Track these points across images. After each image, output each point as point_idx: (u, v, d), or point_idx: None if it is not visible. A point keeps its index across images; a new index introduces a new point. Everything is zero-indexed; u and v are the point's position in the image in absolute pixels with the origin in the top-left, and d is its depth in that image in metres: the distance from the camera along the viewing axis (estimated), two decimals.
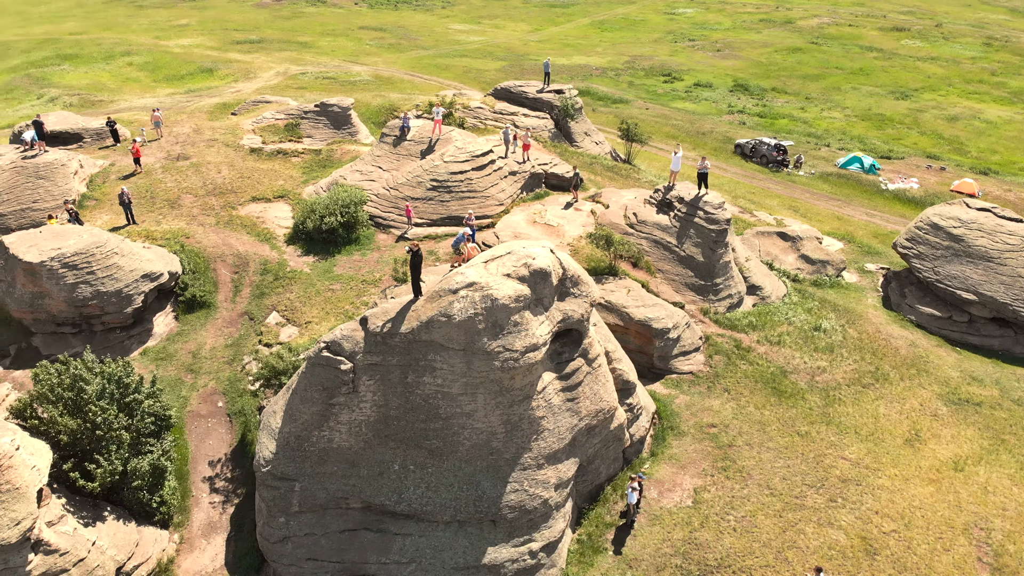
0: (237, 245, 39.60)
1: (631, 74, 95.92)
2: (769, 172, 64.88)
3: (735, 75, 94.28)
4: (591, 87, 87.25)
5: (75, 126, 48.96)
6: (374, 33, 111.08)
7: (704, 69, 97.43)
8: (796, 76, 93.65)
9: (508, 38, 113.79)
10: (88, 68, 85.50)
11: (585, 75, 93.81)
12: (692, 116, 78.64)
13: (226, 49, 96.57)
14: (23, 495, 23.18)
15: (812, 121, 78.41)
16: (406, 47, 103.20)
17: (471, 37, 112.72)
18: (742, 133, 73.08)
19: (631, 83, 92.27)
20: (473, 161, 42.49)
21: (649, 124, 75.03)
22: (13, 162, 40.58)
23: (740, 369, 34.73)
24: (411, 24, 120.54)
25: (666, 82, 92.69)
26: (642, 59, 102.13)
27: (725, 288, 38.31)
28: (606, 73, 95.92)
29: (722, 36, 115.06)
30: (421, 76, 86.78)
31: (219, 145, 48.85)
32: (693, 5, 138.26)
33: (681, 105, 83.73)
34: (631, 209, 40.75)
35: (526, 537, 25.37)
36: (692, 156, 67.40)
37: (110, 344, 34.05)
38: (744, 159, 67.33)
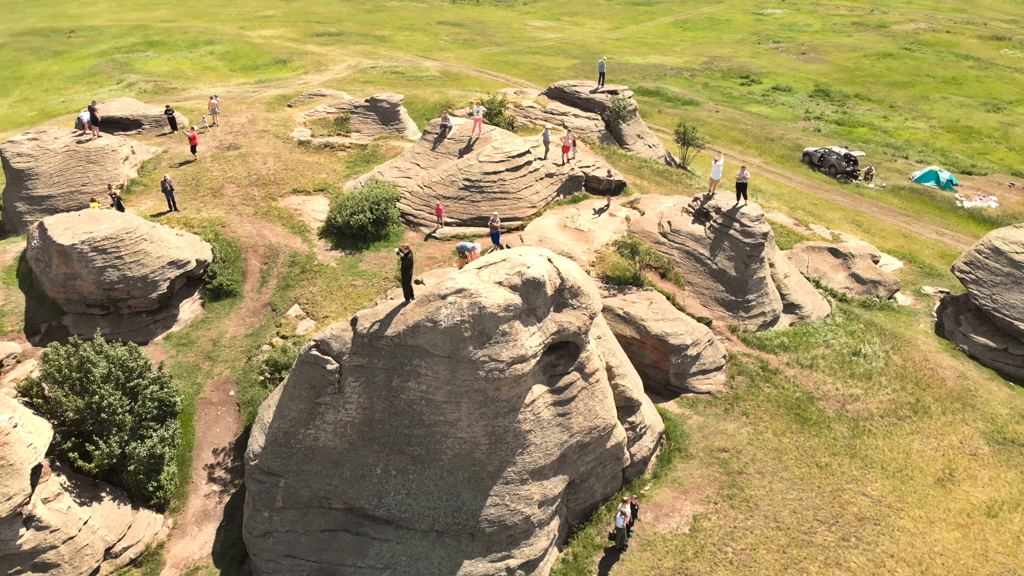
0: (270, 236, 40.17)
1: (707, 75, 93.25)
2: (836, 183, 61.82)
3: (817, 79, 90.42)
4: (662, 87, 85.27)
5: (136, 113, 50.75)
6: (451, 28, 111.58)
7: (785, 72, 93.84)
8: (883, 83, 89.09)
9: (585, 36, 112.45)
10: (171, 55, 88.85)
11: (659, 75, 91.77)
12: (764, 121, 75.78)
13: (304, 41, 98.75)
14: (17, 472, 23.95)
15: (893, 131, 74.37)
16: (480, 43, 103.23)
17: (548, 34, 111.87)
18: (814, 141, 69.94)
19: (706, 84, 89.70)
20: (508, 162, 41.87)
21: (716, 128, 72.75)
22: (67, 146, 42.30)
23: (763, 392, 33.04)
24: (490, 20, 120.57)
25: (743, 84, 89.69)
26: (721, 60, 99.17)
27: (758, 305, 36.53)
28: (681, 73, 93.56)
29: (809, 38, 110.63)
30: (489, 73, 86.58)
31: (269, 136, 49.76)
32: (783, 6, 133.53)
33: (755, 109, 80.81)
34: (666, 217, 39.36)
35: (504, 553, 24.70)
36: (757, 163, 65.07)
37: (136, 327, 35.03)
38: (812, 168, 64.38)
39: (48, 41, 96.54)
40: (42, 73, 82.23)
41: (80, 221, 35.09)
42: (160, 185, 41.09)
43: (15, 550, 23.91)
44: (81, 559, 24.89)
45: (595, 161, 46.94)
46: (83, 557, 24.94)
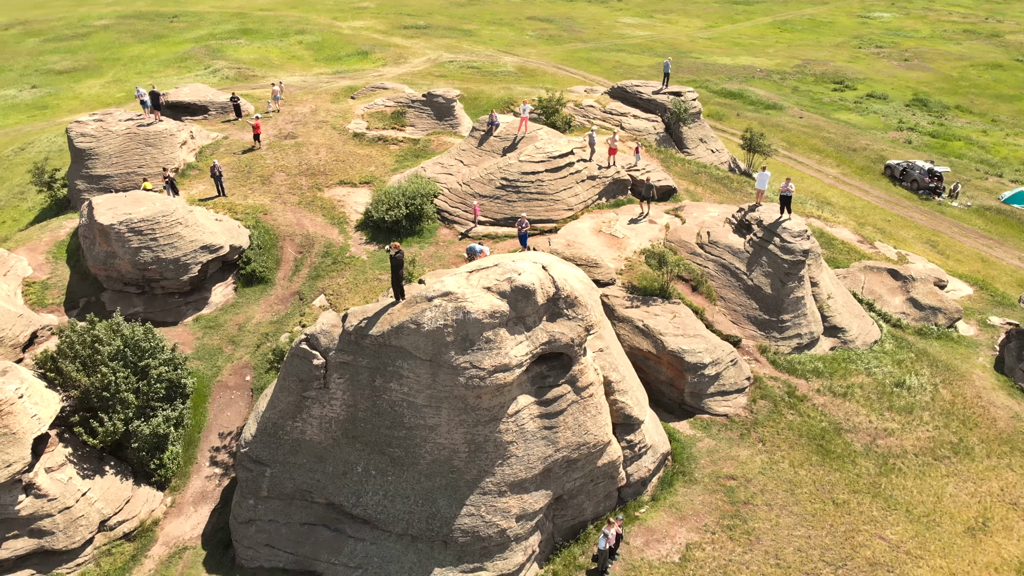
0: (309, 226, 40.74)
1: (798, 79, 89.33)
2: (917, 199, 57.98)
3: (917, 88, 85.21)
4: (746, 90, 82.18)
5: (203, 99, 52.47)
6: (539, 24, 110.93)
7: (883, 79, 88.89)
8: (988, 95, 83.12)
9: (676, 34, 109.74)
10: (262, 43, 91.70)
11: (745, 77, 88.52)
12: (849, 129, 71.93)
13: (392, 33, 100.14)
14: (19, 440, 25.00)
15: (991, 147, 69.23)
16: (565, 39, 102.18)
17: (637, 32, 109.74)
18: (900, 153, 65.86)
19: (795, 88, 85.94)
20: (548, 162, 41.04)
21: (795, 134, 69.58)
22: (128, 128, 44.08)
23: (785, 419, 31.19)
24: (580, 16, 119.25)
25: (835, 90, 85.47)
26: (815, 64, 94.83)
27: (793, 326, 34.53)
28: (770, 76, 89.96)
29: (915, 45, 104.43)
30: (567, 70, 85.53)
31: (327, 127, 50.53)
32: (892, 10, 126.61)
33: (844, 116, 76.84)
34: (706, 227, 37.73)
35: (476, 565, 24.15)
36: (834, 173, 61.95)
37: (168, 307, 36.17)
38: (892, 182, 60.62)
39: (151, 25, 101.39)
40: (139, 56, 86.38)
41: (123, 202, 36.44)
42: (210, 170, 42.26)
43: (13, 515, 24.98)
44: (75, 529, 25.80)
45: (646, 165, 45.50)
46: (77, 527, 25.84)
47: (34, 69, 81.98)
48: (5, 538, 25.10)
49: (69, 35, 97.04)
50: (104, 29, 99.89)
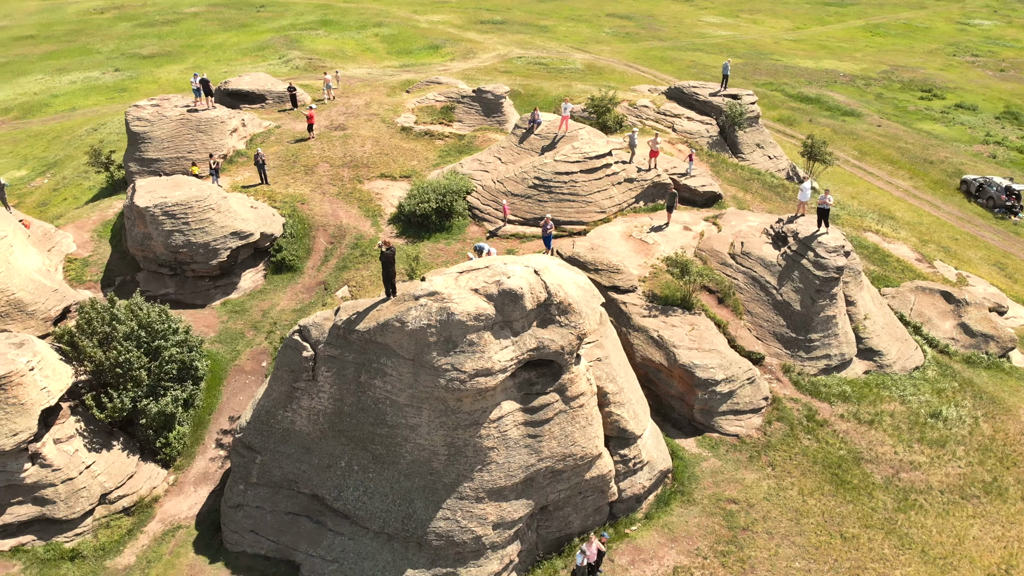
0: (343, 217, 41.17)
1: (883, 85, 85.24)
2: (991, 218, 54.34)
3: (1010, 100, 80.00)
4: (824, 95, 78.88)
5: (262, 87, 53.72)
6: (617, 21, 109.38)
7: (974, 89, 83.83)
8: None
9: (760, 35, 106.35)
10: (339, 35, 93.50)
11: (827, 81, 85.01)
12: (929, 141, 68.07)
13: (467, 28, 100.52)
14: (26, 411, 26.07)
15: None
16: (642, 37, 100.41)
17: (718, 31, 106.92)
18: (981, 168, 61.89)
19: (879, 95, 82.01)
20: (584, 163, 40.21)
21: (870, 143, 66.34)
22: (181, 114, 45.50)
23: (800, 444, 29.63)
24: (662, 14, 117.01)
25: (922, 99, 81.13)
26: (904, 70, 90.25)
27: (822, 346, 32.79)
28: (854, 82, 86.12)
29: (1014, 55, 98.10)
30: (638, 68, 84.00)
31: (376, 120, 50.97)
32: (994, 17, 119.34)
33: (927, 127, 72.83)
34: (741, 237, 36.24)
35: (450, 570, 23.81)
36: (904, 186, 58.81)
37: (198, 290, 37.16)
38: (967, 198, 57.03)
39: (238, 13, 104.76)
40: (221, 44, 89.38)
41: (163, 186, 37.60)
42: (254, 159, 43.19)
43: (19, 482, 26.07)
44: (76, 500, 26.72)
45: (692, 169, 44.06)
46: (78, 498, 26.76)
47: (121, 52, 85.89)
48: (10, 504, 26.22)
49: (160, 21, 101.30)
50: (193, 16, 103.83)
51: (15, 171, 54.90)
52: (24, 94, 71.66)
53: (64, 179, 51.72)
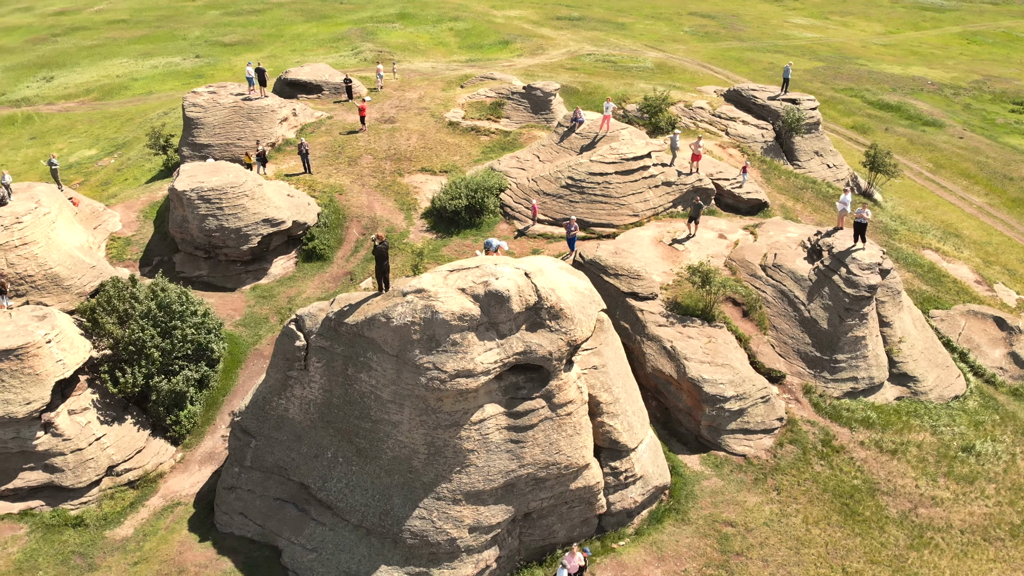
0: (378, 209, 41.49)
1: (973, 95, 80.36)
2: None
3: None
4: (906, 103, 74.94)
5: (319, 78, 54.69)
6: (698, 20, 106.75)
7: None
8: None
9: (848, 38, 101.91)
10: (415, 28, 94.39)
11: (912, 89, 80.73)
12: (1013, 156, 63.73)
13: (542, 24, 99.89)
14: (41, 381, 27.25)
15: None
16: (722, 37, 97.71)
17: (804, 33, 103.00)
18: None
19: (967, 106, 77.35)
20: (621, 164, 39.29)
21: (947, 155, 62.65)
22: (234, 102, 46.72)
23: (811, 469, 28.16)
24: (747, 13, 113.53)
25: (1013, 111, 76.09)
26: (997, 80, 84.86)
27: (848, 368, 31.07)
28: (941, 91, 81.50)
29: None
30: (712, 68, 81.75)
31: (426, 114, 51.15)
32: None
33: (1014, 141, 68.21)
34: (775, 248, 34.72)
35: (423, 570, 23.63)
36: (978, 203, 55.37)
37: (230, 273, 38.10)
38: None
39: (321, 5, 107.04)
40: (300, 34, 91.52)
41: (203, 171, 38.69)
42: (297, 148, 43.99)
43: (31, 448, 27.27)
44: (83, 470, 27.76)
45: (738, 175, 42.53)
46: (85, 469, 27.79)
47: (204, 40, 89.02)
48: (22, 469, 27.46)
49: (247, 10, 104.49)
50: (278, 6, 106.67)
51: (86, 150, 57.62)
52: (107, 76, 75.13)
53: (128, 160, 53.95)
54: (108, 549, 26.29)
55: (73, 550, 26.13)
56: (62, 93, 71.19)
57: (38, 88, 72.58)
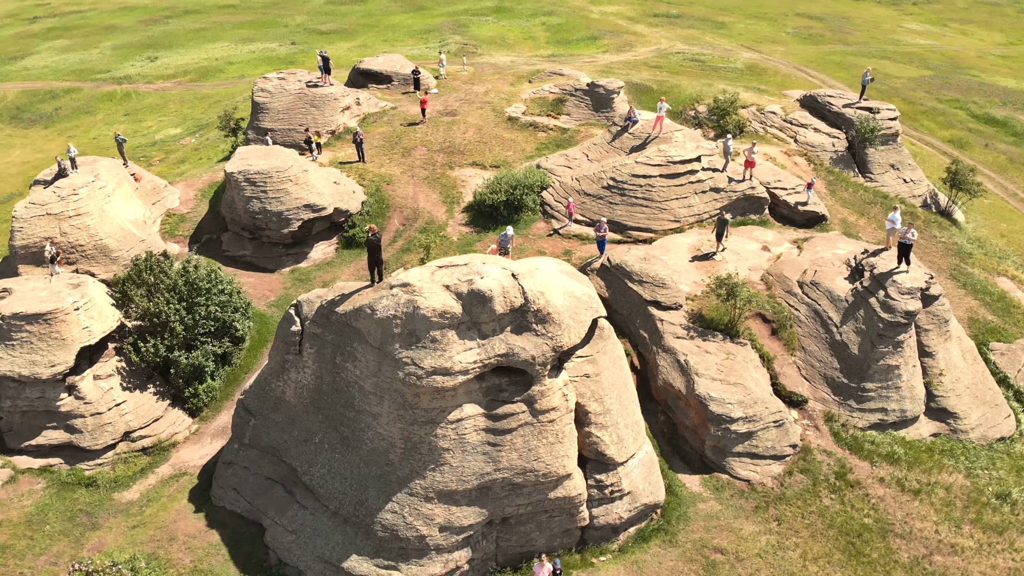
0: (422, 201, 41.72)
1: None
2: None
3: None
4: (1014, 118, 69.26)
5: (390, 69, 55.47)
6: (804, 21, 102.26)
7: None
8: None
9: (964, 47, 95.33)
10: (507, 22, 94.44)
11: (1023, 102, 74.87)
12: None
13: (638, 20, 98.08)
14: (66, 346, 28.79)
15: None
16: (825, 40, 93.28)
17: (917, 40, 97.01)
18: None
19: None
20: (667, 167, 37.99)
21: None
22: (300, 89, 47.95)
23: (819, 502, 26.46)
24: (859, 17, 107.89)
25: None
26: None
27: (878, 398, 29.02)
28: None
29: None
30: (807, 72, 78.15)
31: (488, 108, 51.04)
32: None
33: None
34: (817, 265, 32.83)
35: (391, 563, 23.60)
36: None
37: (272, 255, 39.20)
38: None
39: None
40: (395, 25, 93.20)
41: (255, 154, 39.95)
42: (352, 137, 44.75)
43: (55, 409, 28.85)
44: (101, 433, 29.15)
45: (797, 184, 40.42)
46: (102, 432, 29.17)
47: (303, 27, 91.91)
48: (46, 427, 29.09)
49: None
50: None
51: (172, 128, 60.54)
52: (207, 59, 78.67)
53: (206, 140, 56.32)
54: (113, 511, 27.52)
55: (81, 508, 27.48)
56: (162, 73, 75.05)
57: (141, 67, 76.76)
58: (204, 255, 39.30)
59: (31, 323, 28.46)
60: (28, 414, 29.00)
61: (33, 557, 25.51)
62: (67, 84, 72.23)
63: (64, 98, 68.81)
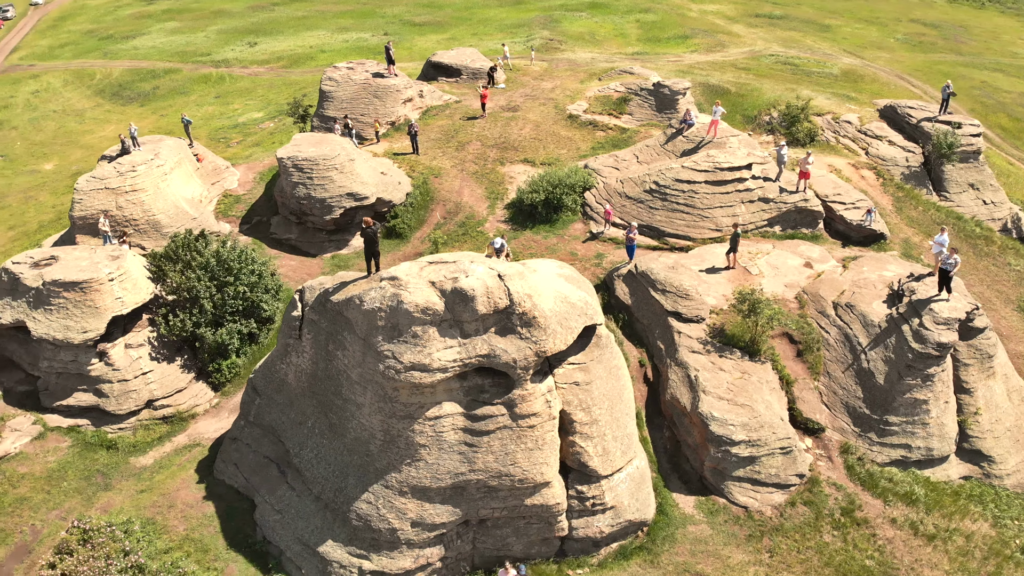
0: (466, 195, 41.79)
1: None
2: None
3: None
4: None
5: (459, 63, 55.78)
6: (917, 28, 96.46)
7: None
8: None
9: None
10: (601, 18, 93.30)
11: None
12: None
13: (737, 20, 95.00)
14: (99, 314, 30.41)
15: None
16: (936, 48, 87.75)
17: None
18: None
19: None
20: (714, 173, 36.57)
21: None
22: (366, 79, 48.87)
23: (818, 537, 24.95)
24: (978, 26, 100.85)
25: None
26: None
27: (902, 433, 27.08)
28: None
29: None
30: (909, 81, 73.75)
31: (550, 105, 50.58)
32: None
33: None
34: (857, 286, 30.96)
35: (363, 553, 23.82)
36: None
37: (314, 241, 40.17)
38: None
39: None
40: (488, 19, 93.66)
41: (307, 141, 41.01)
42: (407, 129, 45.29)
43: (86, 372, 30.53)
44: (125, 399, 30.67)
45: (858, 199, 38.18)
46: (128, 398, 30.68)
47: (399, 19, 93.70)
48: (77, 389, 30.83)
49: None
50: None
51: (255, 112, 62.96)
52: (301, 46, 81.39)
53: (283, 125, 58.29)
54: (126, 474, 28.93)
55: (99, 469, 29.01)
56: (258, 58, 78.15)
57: (240, 52, 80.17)
58: (253, 236, 40.80)
59: (68, 290, 30.18)
60: (62, 375, 30.80)
61: (47, 511, 27.11)
62: (169, 65, 76.29)
63: (163, 78, 72.72)
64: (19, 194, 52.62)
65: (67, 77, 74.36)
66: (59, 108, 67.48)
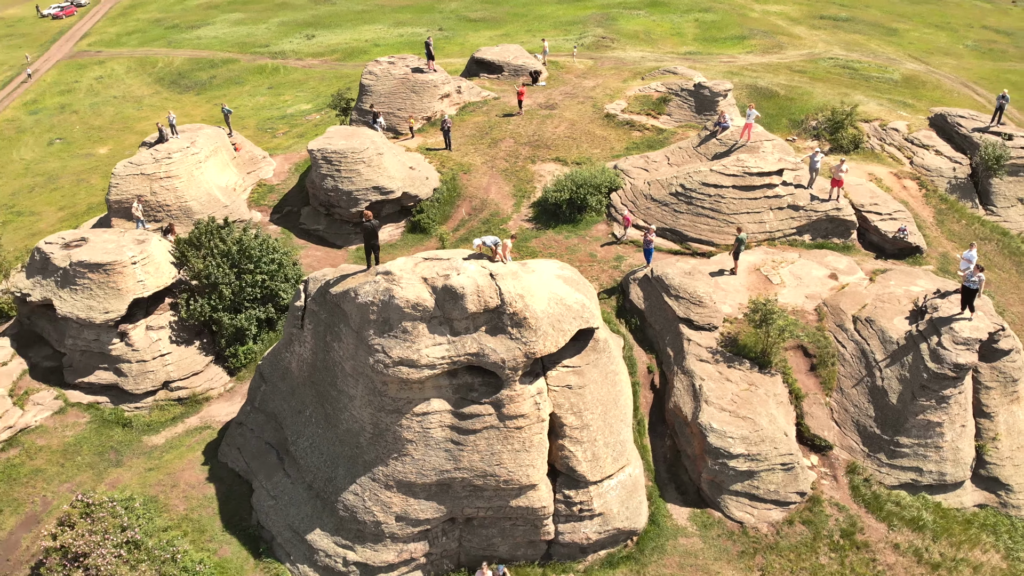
0: (493, 192, 41.72)
1: None
2: None
3: None
4: None
5: (502, 59, 55.72)
6: (988, 34, 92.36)
7: None
8: None
9: None
10: (658, 17, 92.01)
11: None
12: None
13: (800, 21, 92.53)
14: (120, 296, 31.38)
15: None
16: (1007, 56, 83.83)
17: None
18: None
19: None
20: (743, 178, 35.68)
21: None
22: (405, 74, 49.21)
23: (814, 559, 24.14)
24: None
25: None
26: None
27: (913, 456, 25.96)
28: None
29: None
30: (974, 89, 70.69)
31: (588, 104, 50.13)
32: None
33: None
34: (879, 301, 29.81)
35: (348, 543, 24.03)
36: None
37: (340, 232, 40.68)
38: None
39: None
40: (542, 16, 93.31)
41: (339, 135, 41.56)
42: (440, 124, 45.46)
43: (108, 351, 31.54)
44: (143, 379, 31.59)
45: (896, 210, 36.77)
46: (145, 378, 31.59)
47: (455, 15, 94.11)
48: (98, 367, 31.86)
49: None
50: None
51: (304, 104, 64.07)
52: (357, 40, 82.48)
53: (328, 118, 59.15)
54: (138, 452, 29.78)
55: (112, 446, 29.94)
56: (313, 51, 79.53)
57: (297, 44, 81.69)
58: (282, 226, 41.56)
59: (93, 271, 31.21)
60: (85, 353, 31.87)
61: (59, 483, 28.13)
62: (228, 55, 78.27)
63: (221, 68, 74.64)
64: (72, 176, 54.74)
65: (130, 64, 77.01)
66: (119, 94, 69.94)
